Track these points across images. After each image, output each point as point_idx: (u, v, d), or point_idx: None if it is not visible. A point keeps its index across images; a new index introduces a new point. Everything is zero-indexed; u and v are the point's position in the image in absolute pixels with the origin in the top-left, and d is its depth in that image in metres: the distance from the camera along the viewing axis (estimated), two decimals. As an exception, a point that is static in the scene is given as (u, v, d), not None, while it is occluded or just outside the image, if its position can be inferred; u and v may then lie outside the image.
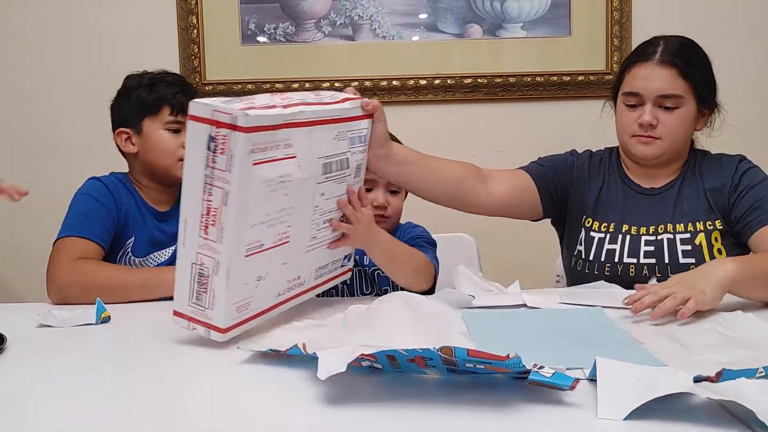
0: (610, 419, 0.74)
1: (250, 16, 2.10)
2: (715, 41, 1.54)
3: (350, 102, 1.18)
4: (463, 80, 2.12)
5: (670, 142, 1.42)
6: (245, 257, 1.00)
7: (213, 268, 1.00)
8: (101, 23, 2.09)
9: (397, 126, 1.55)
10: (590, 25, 2.11)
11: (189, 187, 1.00)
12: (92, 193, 1.43)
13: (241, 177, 0.95)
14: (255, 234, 1.01)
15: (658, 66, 1.40)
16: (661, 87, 1.40)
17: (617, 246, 1.42)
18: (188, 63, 2.08)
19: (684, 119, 1.41)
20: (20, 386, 0.68)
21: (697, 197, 1.43)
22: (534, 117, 2.15)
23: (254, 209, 0.99)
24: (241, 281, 1.01)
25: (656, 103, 1.41)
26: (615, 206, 1.48)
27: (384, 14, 2.10)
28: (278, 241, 1.06)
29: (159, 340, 1.08)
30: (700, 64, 1.43)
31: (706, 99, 1.44)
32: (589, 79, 2.12)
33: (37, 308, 1.22)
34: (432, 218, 1.57)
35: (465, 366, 0.81)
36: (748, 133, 1.65)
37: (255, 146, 0.96)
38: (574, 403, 0.77)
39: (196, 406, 0.84)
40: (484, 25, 2.12)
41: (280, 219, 1.04)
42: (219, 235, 0.98)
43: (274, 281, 1.09)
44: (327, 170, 1.12)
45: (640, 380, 0.78)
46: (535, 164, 1.55)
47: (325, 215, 1.16)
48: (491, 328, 1.09)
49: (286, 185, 1.03)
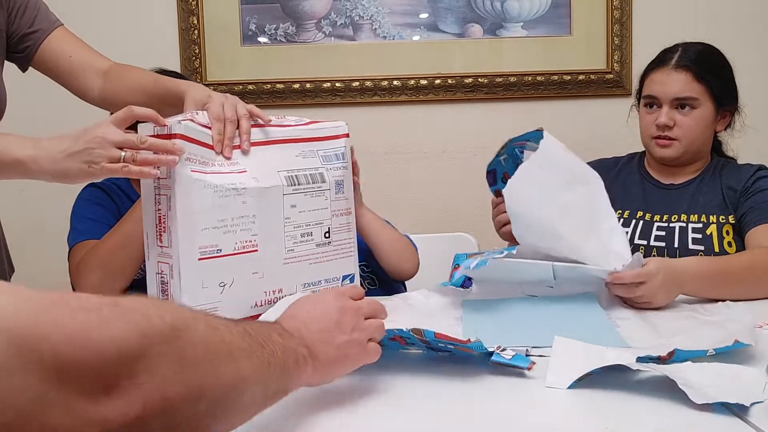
0: (556, 387, 0.84)
1: (250, 17, 2.10)
2: (716, 40, 1.55)
3: (319, 123, 1.23)
4: (463, 80, 2.12)
5: (687, 142, 1.49)
6: (199, 260, 1.05)
7: (169, 273, 1.05)
8: (102, 24, 2.09)
9: (398, 126, 1.56)
10: (591, 24, 2.11)
11: (145, 202, 1.08)
12: (91, 198, 1.44)
13: (179, 182, 1.03)
14: (207, 238, 1.05)
15: (673, 70, 1.49)
16: (676, 90, 1.48)
17: (629, 229, 1.49)
18: (189, 64, 2.08)
19: (699, 121, 1.48)
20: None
21: (713, 194, 1.50)
22: (535, 116, 2.15)
23: (201, 214, 1.05)
24: (198, 285, 1.05)
25: (672, 105, 1.48)
26: (632, 198, 1.56)
27: (384, 14, 2.10)
28: (242, 249, 1.09)
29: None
30: (717, 68, 1.52)
31: (724, 101, 1.50)
32: (590, 78, 2.12)
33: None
34: (433, 218, 1.57)
35: (438, 345, 0.92)
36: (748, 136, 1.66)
37: (190, 155, 1.04)
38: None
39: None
40: (484, 25, 2.12)
41: (240, 226, 1.09)
42: (169, 240, 1.04)
43: (246, 290, 1.11)
44: (293, 182, 1.15)
45: (588, 356, 0.88)
46: None
47: (301, 228, 1.17)
48: (483, 314, 1.14)
49: (243, 193, 1.09)
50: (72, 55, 1.31)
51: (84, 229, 1.38)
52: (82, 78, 1.31)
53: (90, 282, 1.29)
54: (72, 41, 1.33)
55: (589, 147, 2.05)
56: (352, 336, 0.79)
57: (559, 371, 0.86)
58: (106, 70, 1.31)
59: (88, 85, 1.31)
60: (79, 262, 1.32)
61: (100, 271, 1.28)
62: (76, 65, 1.31)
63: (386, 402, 0.83)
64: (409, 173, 2.15)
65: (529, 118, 2.15)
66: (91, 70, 1.31)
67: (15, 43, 1.30)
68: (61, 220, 1.47)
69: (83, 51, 1.33)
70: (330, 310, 0.79)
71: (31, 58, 1.31)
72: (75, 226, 1.40)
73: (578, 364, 0.86)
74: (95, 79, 1.31)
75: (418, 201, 2.11)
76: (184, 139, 1.04)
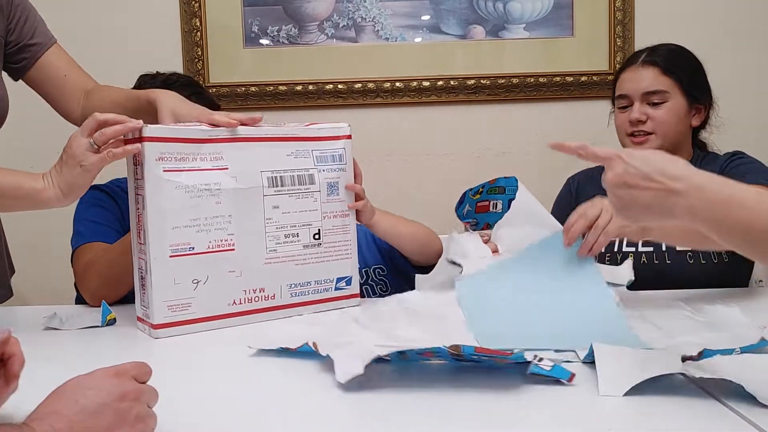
0: (612, 395, 0.80)
1: (253, 19, 2.10)
2: (719, 39, 1.55)
3: (320, 124, 1.24)
4: (465, 81, 2.12)
5: (662, 136, 1.51)
6: (170, 257, 1.09)
7: (146, 268, 1.10)
8: (104, 26, 2.10)
9: (400, 128, 1.56)
10: (593, 25, 2.11)
11: (130, 202, 1.13)
12: (93, 201, 1.44)
13: (151, 182, 1.07)
14: (179, 237, 1.09)
15: (641, 67, 1.53)
16: (645, 85, 1.51)
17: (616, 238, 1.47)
18: (192, 66, 2.08)
19: (671, 112, 1.51)
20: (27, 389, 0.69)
21: None
22: (537, 118, 2.15)
23: (173, 213, 1.08)
24: (170, 281, 1.09)
25: (643, 101, 1.51)
26: None
27: (387, 16, 2.11)
28: (216, 248, 1.12)
29: (165, 341, 1.09)
30: (684, 62, 1.56)
31: (695, 94, 1.52)
32: (592, 79, 2.12)
33: (42, 311, 1.23)
34: (436, 220, 1.57)
35: (471, 357, 0.87)
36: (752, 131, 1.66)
37: (163, 155, 1.08)
38: (573, 383, 0.85)
39: (205, 402, 0.84)
40: (486, 26, 2.12)
41: (215, 225, 1.12)
42: (145, 237, 1.09)
43: (222, 288, 1.14)
44: (275, 183, 1.17)
45: (635, 362, 0.86)
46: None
47: (285, 229, 1.19)
48: (485, 308, 1.13)
49: (217, 194, 1.12)
50: (67, 74, 1.33)
51: (87, 231, 1.38)
52: (71, 98, 1.33)
53: (92, 287, 1.31)
54: (67, 60, 1.35)
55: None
56: (136, 427, 0.66)
57: (610, 379, 0.83)
58: (90, 90, 1.33)
59: (73, 105, 1.33)
60: (85, 266, 1.32)
61: (100, 279, 1.30)
62: (69, 85, 1.33)
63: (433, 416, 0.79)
64: (411, 175, 2.15)
65: (532, 119, 2.16)
66: (80, 91, 1.33)
67: (13, 52, 1.31)
68: (63, 224, 1.47)
69: (77, 71, 1.35)
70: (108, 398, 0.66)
71: (26, 70, 1.32)
72: (78, 229, 1.40)
73: (626, 370, 0.84)
74: (80, 100, 1.33)
75: (420, 202, 2.11)
76: (153, 141, 1.07)
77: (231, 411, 0.81)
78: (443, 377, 0.90)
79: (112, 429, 0.64)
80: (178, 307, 1.10)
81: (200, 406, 0.83)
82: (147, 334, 1.11)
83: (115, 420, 0.64)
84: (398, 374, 0.90)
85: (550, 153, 1.75)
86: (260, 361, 0.99)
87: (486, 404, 0.81)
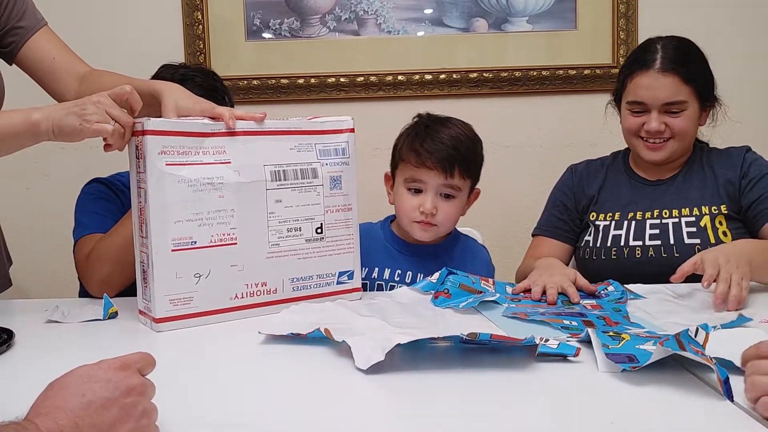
0: (610, 372, 0.86)
1: (255, 12, 2.10)
2: (721, 34, 1.54)
3: (323, 118, 1.23)
4: (468, 75, 2.11)
5: (679, 140, 1.48)
6: (172, 251, 1.09)
7: (147, 261, 1.10)
8: (106, 20, 2.09)
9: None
10: (596, 18, 2.10)
11: (132, 195, 1.13)
12: (94, 193, 1.44)
13: (153, 176, 1.07)
14: (181, 231, 1.09)
15: (660, 75, 1.45)
16: (666, 95, 1.45)
17: (623, 231, 1.48)
18: (194, 59, 2.07)
19: (689, 120, 1.48)
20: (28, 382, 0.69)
21: (704, 185, 1.49)
22: (540, 111, 2.15)
23: (175, 207, 1.09)
24: (172, 275, 1.09)
25: (661, 110, 1.46)
26: (619, 198, 1.54)
27: (389, 9, 2.10)
28: (218, 242, 1.12)
29: (168, 334, 1.09)
30: (699, 65, 1.51)
31: (706, 97, 1.50)
32: (596, 72, 2.11)
33: (44, 304, 1.23)
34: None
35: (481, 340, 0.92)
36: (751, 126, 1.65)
37: (165, 148, 1.08)
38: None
39: (214, 392, 0.85)
40: (489, 19, 2.11)
41: (217, 219, 1.12)
42: (147, 230, 1.09)
43: (224, 282, 1.14)
44: (278, 177, 1.17)
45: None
46: (547, 219, 1.61)
47: (287, 223, 1.18)
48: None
49: (220, 188, 1.12)
50: (56, 57, 1.32)
51: (89, 222, 1.39)
52: (62, 80, 1.32)
53: (101, 275, 1.31)
54: (57, 42, 1.34)
55: (595, 142, 2.05)
56: (140, 423, 0.66)
57: (605, 359, 0.87)
58: (84, 74, 1.32)
59: (66, 88, 1.32)
60: (90, 254, 1.33)
61: (111, 264, 1.30)
62: (58, 67, 1.32)
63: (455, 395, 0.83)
64: (413, 168, 2.14)
65: (534, 113, 2.15)
66: (71, 74, 1.32)
67: (1, 36, 1.31)
68: (64, 217, 1.47)
69: (66, 54, 1.34)
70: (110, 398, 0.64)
71: (15, 54, 1.32)
72: (80, 220, 1.41)
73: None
74: (73, 83, 1.32)
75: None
76: (156, 134, 1.07)
77: (244, 400, 0.81)
78: (454, 358, 0.94)
79: (117, 424, 0.63)
80: (180, 301, 1.10)
81: (210, 397, 0.83)
82: (149, 327, 1.12)
83: (120, 415, 0.64)
84: (410, 356, 0.92)
85: (552, 146, 1.75)
86: (268, 350, 1.00)
87: (501, 380, 0.86)
